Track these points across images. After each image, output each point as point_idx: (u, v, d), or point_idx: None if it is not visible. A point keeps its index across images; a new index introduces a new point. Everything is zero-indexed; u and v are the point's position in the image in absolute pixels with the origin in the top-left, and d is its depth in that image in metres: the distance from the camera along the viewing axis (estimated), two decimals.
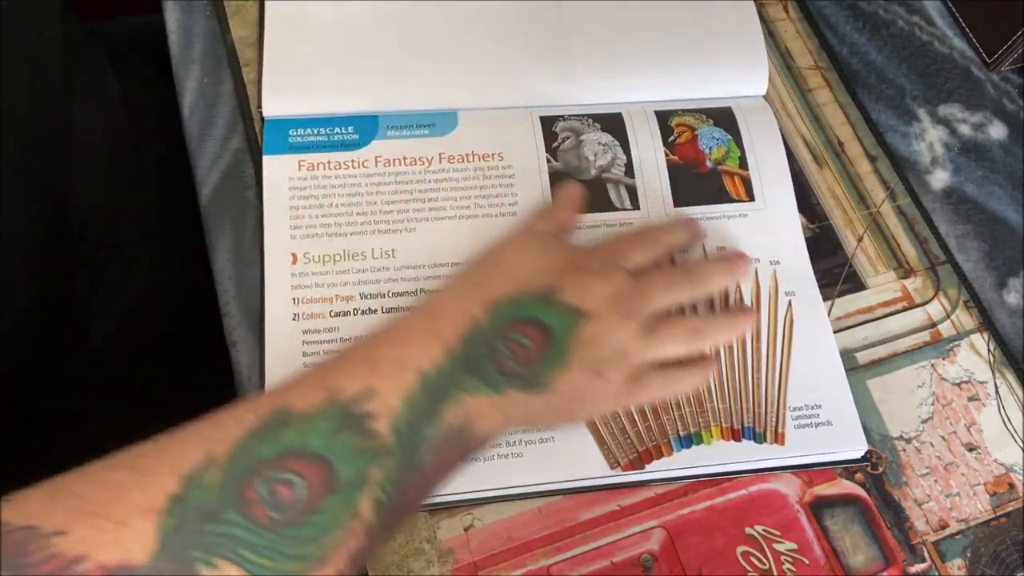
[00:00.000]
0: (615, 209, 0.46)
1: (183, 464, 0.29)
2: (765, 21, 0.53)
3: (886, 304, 0.46)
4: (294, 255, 0.43)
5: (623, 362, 0.38)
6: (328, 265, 0.43)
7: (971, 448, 0.43)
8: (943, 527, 0.41)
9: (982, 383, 0.45)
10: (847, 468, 0.42)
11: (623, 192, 0.47)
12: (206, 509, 0.28)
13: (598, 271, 0.39)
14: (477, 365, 0.34)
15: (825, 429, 0.42)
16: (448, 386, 0.33)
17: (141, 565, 0.27)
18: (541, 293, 0.37)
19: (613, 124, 0.48)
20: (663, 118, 0.49)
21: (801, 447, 0.42)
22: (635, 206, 0.46)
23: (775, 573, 0.40)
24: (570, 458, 0.41)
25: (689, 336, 0.40)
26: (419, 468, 0.32)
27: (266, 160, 0.45)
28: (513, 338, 0.35)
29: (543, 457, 0.40)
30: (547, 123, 0.48)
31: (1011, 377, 0.45)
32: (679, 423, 0.42)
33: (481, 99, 0.48)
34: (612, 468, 0.40)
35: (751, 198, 0.48)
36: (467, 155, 0.47)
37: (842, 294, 0.46)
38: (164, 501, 0.28)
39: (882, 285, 0.47)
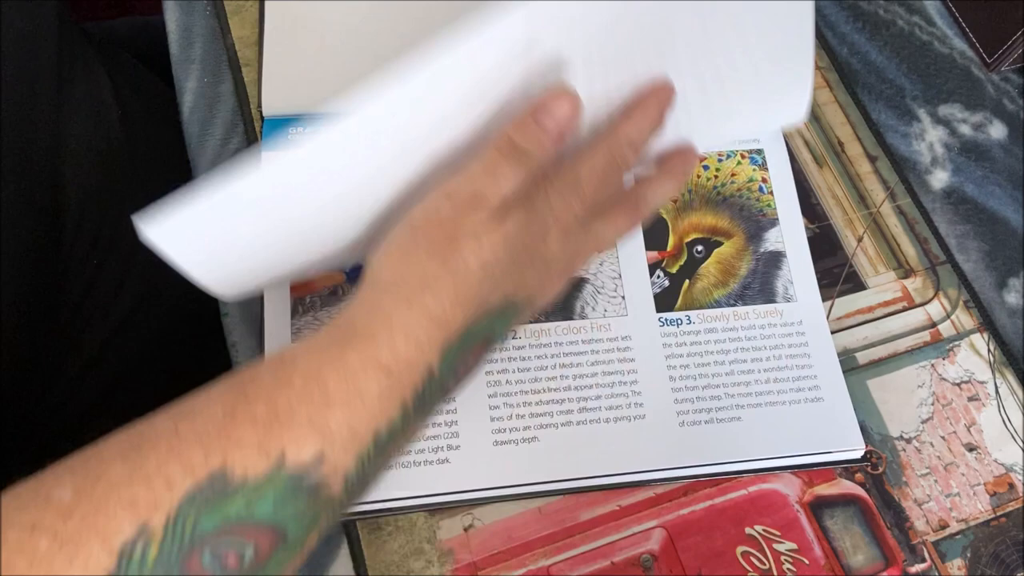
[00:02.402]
0: None
1: (113, 537, 0.25)
2: None
3: (886, 304, 0.46)
4: None
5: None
6: None
7: (971, 448, 0.43)
8: (943, 527, 0.41)
9: (982, 383, 0.45)
10: (847, 468, 0.42)
11: None
12: None
13: (565, 250, 0.33)
14: (428, 409, 0.31)
15: (822, 429, 0.42)
16: (399, 436, 0.30)
17: None
18: (499, 309, 0.31)
19: None
20: None
21: (798, 447, 0.42)
22: None
23: (775, 573, 0.39)
24: (567, 457, 0.40)
25: (633, 215, 0.36)
26: (361, 494, 0.30)
27: (265, 156, 0.45)
28: (460, 365, 0.31)
29: (543, 457, 0.40)
30: None
31: (1011, 377, 0.45)
32: None
33: None
34: None
35: None
36: None
37: (842, 294, 0.46)
38: None
39: (882, 285, 0.47)
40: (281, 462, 0.27)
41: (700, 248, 0.46)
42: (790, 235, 0.47)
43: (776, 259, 0.46)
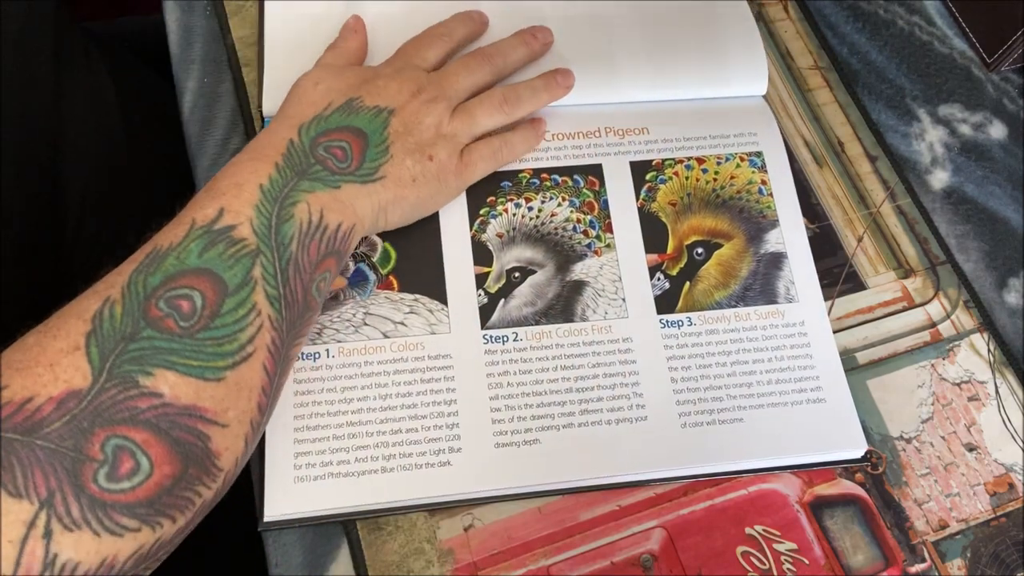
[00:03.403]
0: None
1: (85, 312, 0.32)
2: (765, 21, 0.54)
3: (886, 304, 0.47)
4: None
5: (446, 142, 0.43)
6: None
7: (971, 448, 0.43)
8: (943, 527, 0.42)
9: (982, 383, 0.45)
10: (847, 468, 0.42)
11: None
12: (122, 332, 0.32)
13: (393, 74, 0.43)
14: (306, 171, 0.38)
15: (825, 429, 0.42)
16: (287, 191, 0.37)
17: (86, 388, 0.30)
18: (343, 105, 0.41)
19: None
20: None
21: (801, 447, 0.42)
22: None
23: (775, 573, 0.40)
24: (569, 458, 0.41)
25: (500, 104, 0.45)
26: (292, 260, 0.36)
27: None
28: (330, 144, 0.39)
29: (544, 459, 0.40)
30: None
31: (1011, 377, 0.45)
32: None
33: None
34: None
35: None
36: None
37: (842, 294, 0.46)
38: (81, 338, 0.31)
39: (882, 285, 0.47)
40: (193, 224, 0.35)
41: (700, 250, 0.46)
42: (791, 236, 0.47)
43: (777, 260, 0.46)
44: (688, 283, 0.45)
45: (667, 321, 0.44)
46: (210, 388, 0.32)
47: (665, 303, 0.45)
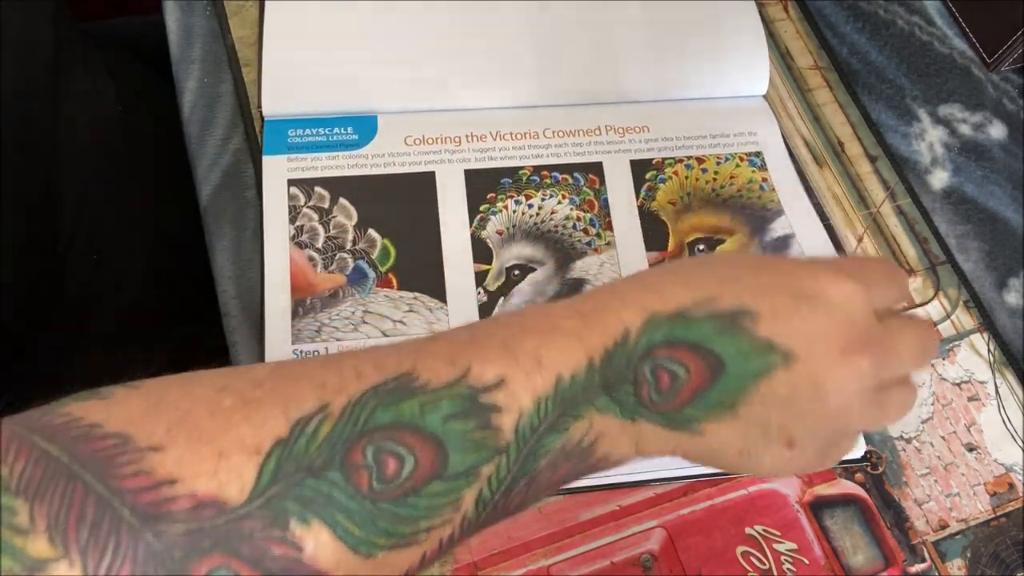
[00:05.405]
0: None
1: (295, 407, 0.26)
2: (765, 21, 0.53)
3: None
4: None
5: (835, 435, 0.30)
6: None
7: (971, 448, 0.43)
8: (943, 527, 0.41)
9: (982, 383, 0.45)
10: (847, 468, 0.42)
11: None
12: (310, 462, 0.25)
13: (820, 297, 0.29)
14: (615, 384, 0.28)
15: None
16: (580, 399, 0.28)
17: (234, 504, 0.24)
18: (726, 312, 0.28)
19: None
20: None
21: None
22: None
23: (775, 573, 0.40)
24: None
25: (911, 405, 0.32)
26: (531, 476, 0.28)
27: (266, 160, 0.45)
28: (663, 363, 0.28)
29: None
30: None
31: (1011, 377, 0.45)
32: None
33: (482, 99, 0.48)
34: None
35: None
36: None
37: None
38: (270, 443, 0.25)
39: None
40: (465, 373, 0.27)
41: (702, 247, 0.46)
42: (798, 219, 0.47)
43: (785, 242, 0.46)
44: None
45: None
46: (354, 562, 0.26)
47: None
